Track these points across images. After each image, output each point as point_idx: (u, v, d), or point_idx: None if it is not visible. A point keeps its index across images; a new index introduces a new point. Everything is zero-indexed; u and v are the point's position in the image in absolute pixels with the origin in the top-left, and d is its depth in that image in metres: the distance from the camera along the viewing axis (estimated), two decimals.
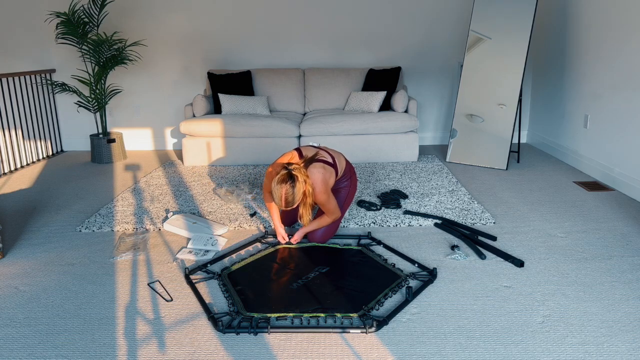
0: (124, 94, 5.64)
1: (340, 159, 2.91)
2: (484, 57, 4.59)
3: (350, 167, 3.02)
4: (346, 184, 2.98)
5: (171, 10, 5.42)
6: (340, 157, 2.92)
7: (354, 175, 3.04)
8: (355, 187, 3.04)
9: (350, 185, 3.00)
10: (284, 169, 2.52)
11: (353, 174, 3.03)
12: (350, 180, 2.99)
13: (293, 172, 2.49)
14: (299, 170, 2.52)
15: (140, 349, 1.97)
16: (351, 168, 3.03)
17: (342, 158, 2.94)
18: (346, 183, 2.98)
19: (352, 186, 3.01)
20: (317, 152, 2.79)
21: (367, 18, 5.43)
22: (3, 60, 5.06)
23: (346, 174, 2.97)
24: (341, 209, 2.95)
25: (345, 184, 2.98)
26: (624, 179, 3.78)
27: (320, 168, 2.68)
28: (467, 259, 2.70)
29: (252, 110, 5.00)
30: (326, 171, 2.70)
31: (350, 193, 3.01)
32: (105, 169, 4.87)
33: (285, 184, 2.47)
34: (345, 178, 2.96)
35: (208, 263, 2.70)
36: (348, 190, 3.00)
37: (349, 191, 3.00)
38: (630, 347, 1.93)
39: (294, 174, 2.49)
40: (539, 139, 5.35)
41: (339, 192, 2.97)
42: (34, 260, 2.80)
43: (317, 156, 2.75)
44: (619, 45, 3.83)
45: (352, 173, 3.02)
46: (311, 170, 2.64)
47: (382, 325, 2.06)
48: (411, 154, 4.81)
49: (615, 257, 2.70)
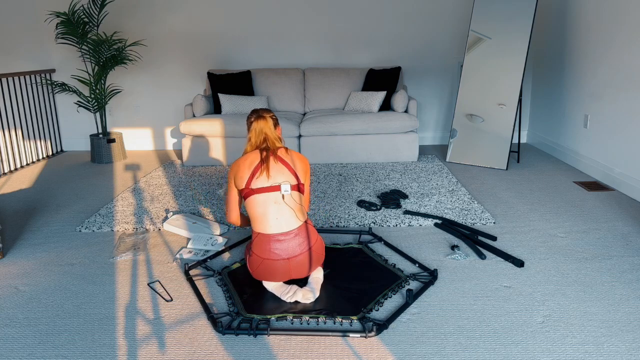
0: (124, 94, 5.64)
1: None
2: (484, 57, 4.59)
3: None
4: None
5: (171, 10, 5.42)
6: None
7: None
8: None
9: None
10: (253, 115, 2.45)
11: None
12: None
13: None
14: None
15: (140, 349, 1.97)
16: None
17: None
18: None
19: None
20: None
21: (367, 18, 5.43)
22: (3, 60, 5.06)
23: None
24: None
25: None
26: (624, 179, 3.78)
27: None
28: (467, 259, 2.70)
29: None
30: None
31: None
32: (105, 169, 4.87)
33: (260, 119, 2.41)
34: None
35: (208, 258, 2.70)
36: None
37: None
38: (630, 347, 1.93)
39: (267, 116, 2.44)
40: (539, 139, 5.35)
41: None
42: (34, 260, 2.80)
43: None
44: (619, 45, 3.83)
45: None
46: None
47: (382, 329, 2.05)
48: (411, 154, 4.80)
49: (615, 257, 2.70)
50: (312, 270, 2.38)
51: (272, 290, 2.34)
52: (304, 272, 2.34)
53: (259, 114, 2.43)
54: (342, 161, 4.83)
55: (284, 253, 2.26)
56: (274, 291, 2.33)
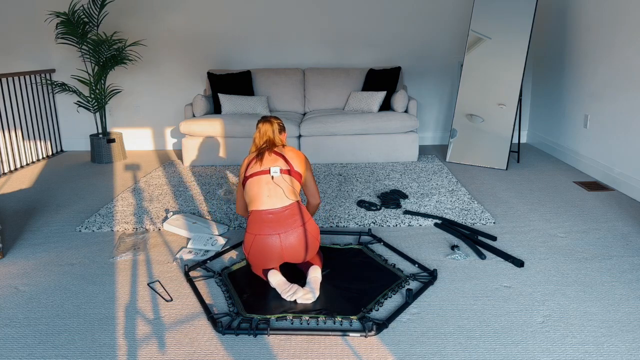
0: (124, 94, 5.64)
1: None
2: (484, 57, 4.59)
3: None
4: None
5: (171, 10, 5.42)
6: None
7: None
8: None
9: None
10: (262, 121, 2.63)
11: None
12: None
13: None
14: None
15: (140, 349, 1.97)
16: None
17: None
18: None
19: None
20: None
21: (367, 18, 5.43)
22: (3, 60, 5.06)
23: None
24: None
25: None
26: (624, 179, 3.78)
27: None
28: (467, 259, 2.70)
29: (252, 110, 5.00)
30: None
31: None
32: (105, 169, 4.87)
33: (266, 122, 2.59)
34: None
35: (208, 259, 2.70)
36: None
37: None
38: (630, 347, 1.93)
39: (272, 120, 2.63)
40: (539, 139, 5.35)
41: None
42: (34, 260, 2.80)
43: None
44: (619, 45, 3.83)
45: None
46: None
47: (382, 328, 2.05)
48: (411, 154, 4.80)
49: (615, 257, 2.70)
50: (307, 257, 2.42)
51: (275, 285, 2.35)
52: (299, 256, 2.39)
53: (266, 119, 2.62)
54: (342, 161, 4.83)
55: (276, 227, 2.34)
56: (277, 287, 2.34)
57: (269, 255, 2.36)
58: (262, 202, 2.39)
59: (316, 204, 2.67)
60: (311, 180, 2.61)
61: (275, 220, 2.35)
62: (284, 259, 2.39)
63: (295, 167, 2.50)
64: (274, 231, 2.33)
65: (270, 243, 2.33)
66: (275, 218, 2.35)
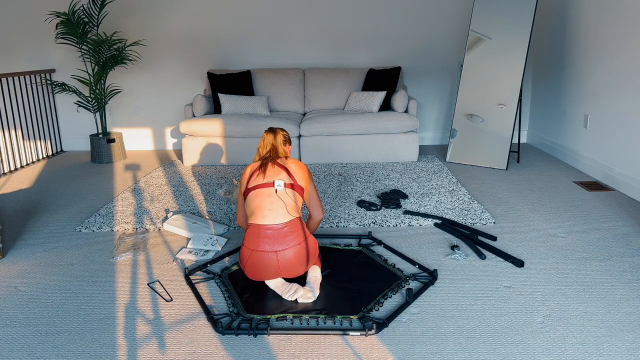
0: (124, 94, 5.64)
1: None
2: (484, 57, 4.59)
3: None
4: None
5: (171, 10, 5.42)
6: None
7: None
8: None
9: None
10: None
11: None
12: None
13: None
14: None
15: (140, 349, 1.97)
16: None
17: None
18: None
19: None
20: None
21: (367, 18, 5.43)
22: (3, 60, 5.06)
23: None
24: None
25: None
26: (624, 179, 3.78)
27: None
28: (467, 259, 2.70)
29: (252, 110, 5.00)
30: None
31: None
32: (105, 169, 4.87)
33: (271, 132, 2.59)
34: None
35: (208, 263, 2.70)
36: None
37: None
38: (630, 347, 1.93)
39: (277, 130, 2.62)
40: (539, 139, 5.35)
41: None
42: (34, 260, 2.80)
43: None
44: (619, 45, 3.83)
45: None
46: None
47: (382, 327, 2.05)
48: (411, 154, 4.80)
49: (615, 257, 2.70)
50: (305, 270, 2.40)
51: (273, 288, 2.35)
52: (296, 272, 2.37)
53: (272, 129, 2.60)
54: (342, 161, 4.83)
55: (273, 244, 2.30)
56: (275, 289, 2.34)
57: (265, 271, 2.33)
58: (263, 216, 2.32)
59: (318, 220, 2.56)
60: (314, 193, 2.53)
61: (273, 236, 2.30)
62: (280, 274, 2.35)
63: (298, 181, 2.43)
64: (270, 248, 2.29)
65: (266, 260, 2.30)
66: (274, 234, 2.30)
